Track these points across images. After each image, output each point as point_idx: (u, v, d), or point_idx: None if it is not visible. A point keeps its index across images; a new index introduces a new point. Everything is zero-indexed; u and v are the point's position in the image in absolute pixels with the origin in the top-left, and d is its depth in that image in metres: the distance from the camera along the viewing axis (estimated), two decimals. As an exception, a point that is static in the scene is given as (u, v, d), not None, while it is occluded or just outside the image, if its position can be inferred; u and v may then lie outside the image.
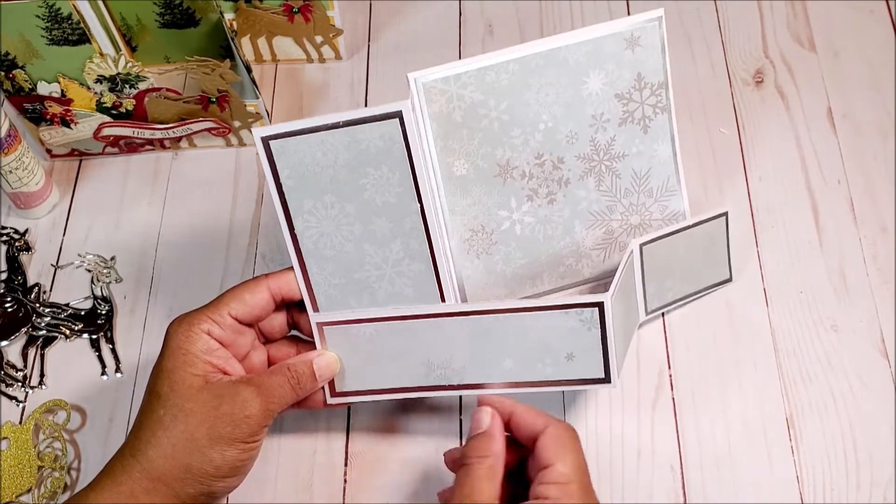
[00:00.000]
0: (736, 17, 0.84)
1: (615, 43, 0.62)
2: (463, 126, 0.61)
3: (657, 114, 0.65)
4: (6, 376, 0.68)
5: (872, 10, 0.84)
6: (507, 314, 0.58)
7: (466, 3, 0.86)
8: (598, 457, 0.64)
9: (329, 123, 0.54)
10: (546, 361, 0.59)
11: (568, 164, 0.65)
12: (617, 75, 0.63)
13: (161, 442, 0.53)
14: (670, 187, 0.67)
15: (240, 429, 0.54)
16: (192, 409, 0.54)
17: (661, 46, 0.63)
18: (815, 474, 0.63)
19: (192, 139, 0.77)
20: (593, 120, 0.64)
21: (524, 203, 0.65)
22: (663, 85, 0.64)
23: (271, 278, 0.59)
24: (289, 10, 0.78)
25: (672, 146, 0.66)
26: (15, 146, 0.70)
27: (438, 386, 0.60)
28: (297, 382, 0.58)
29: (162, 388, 0.54)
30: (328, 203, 0.57)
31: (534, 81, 0.61)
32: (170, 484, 0.53)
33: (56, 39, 0.68)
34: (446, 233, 0.59)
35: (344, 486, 0.64)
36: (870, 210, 0.73)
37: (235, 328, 0.58)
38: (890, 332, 0.68)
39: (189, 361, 0.55)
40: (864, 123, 0.77)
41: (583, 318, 0.57)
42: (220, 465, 0.54)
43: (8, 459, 0.64)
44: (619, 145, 0.65)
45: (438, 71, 0.59)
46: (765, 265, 0.71)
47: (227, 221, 0.75)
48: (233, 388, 0.55)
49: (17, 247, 0.74)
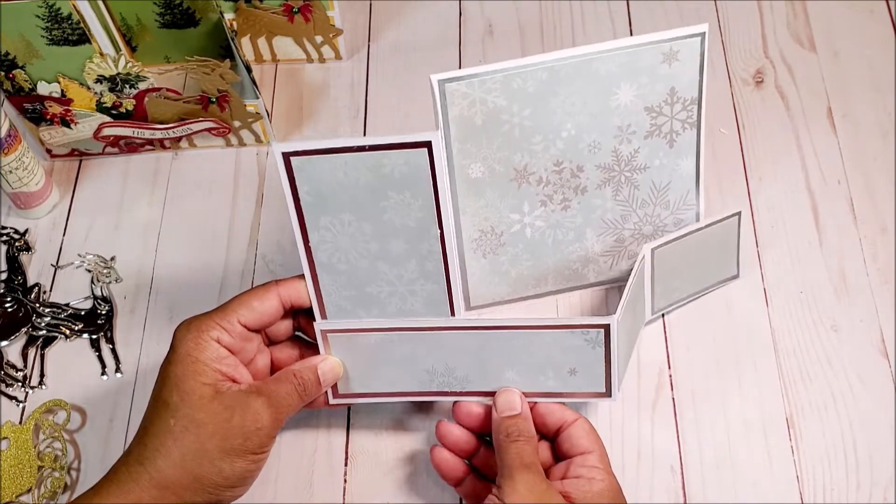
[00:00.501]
0: (736, 17, 0.84)
1: (652, 56, 0.60)
2: (483, 130, 0.60)
3: (685, 129, 0.63)
4: (6, 376, 0.68)
5: (872, 10, 0.84)
6: (514, 330, 0.58)
7: (466, 3, 0.86)
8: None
9: (354, 146, 0.53)
10: (548, 375, 0.59)
11: (587, 172, 0.64)
12: (649, 88, 0.61)
13: (171, 452, 0.53)
14: (688, 201, 0.67)
15: (251, 441, 0.54)
16: (204, 421, 0.53)
17: (701, 63, 0.61)
18: (815, 474, 0.63)
19: (192, 139, 0.77)
20: (619, 131, 0.62)
21: (537, 208, 0.64)
22: (696, 101, 0.62)
23: (282, 286, 0.59)
24: (289, 10, 0.78)
25: (696, 162, 0.65)
26: (15, 146, 0.70)
27: (440, 392, 0.61)
28: (304, 389, 0.58)
29: (171, 397, 0.54)
30: (345, 221, 0.56)
31: (562, 90, 0.60)
32: (178, 493, 0.53)
33: (56, 39, 0.68)
34: (457, 248, 0.58)
35: (344, 486, 0.64)
36: (870, 210, 0.73)
37: (244, 335, 0.58)
38: (890, 332, 0.68)
39: (199, 370, 0.55)
40: (864, 123, 0.77)
41: (588, 337, 0.58)
42: (230, 475, 0.54)
43: (8, 459, 0.64)
44: (641, 157, 0.64)
45: (462, 73, 0.58)
46: (765, 265, 0.71)
47: (227, 221, 0.75)
48: (244, 399, 0.55)
49: (17, 247, 0.74)
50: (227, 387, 0.55)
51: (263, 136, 0.77)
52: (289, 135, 0.79)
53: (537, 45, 0.83)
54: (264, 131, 0.77)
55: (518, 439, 0.57)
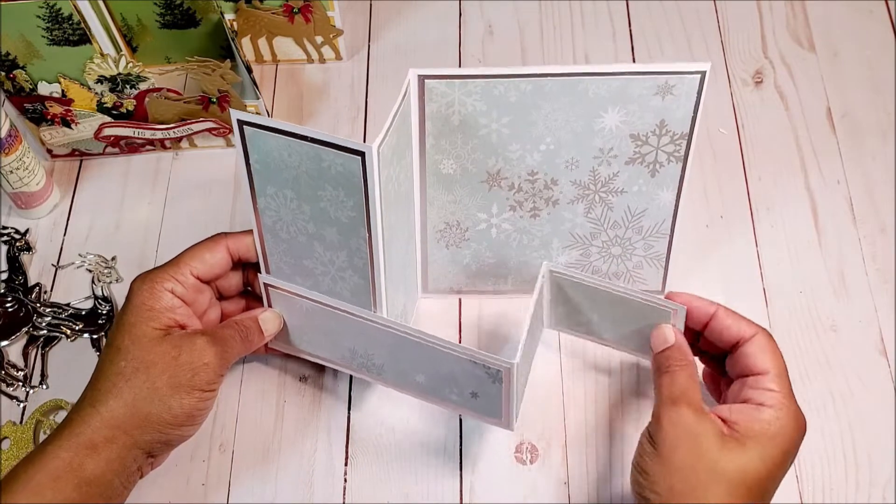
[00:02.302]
0: (735, 18, 0.84)
1: (646, 87, 0.58)
2: (459, 130, 0.60)
3: (671, 161, 0.61)
4: (7, 376, 0.69)
5: (872, 10, 0.84)
6: (424, 342, 0.58)
7: (466, 3, 0.86)
8: (598, 456, 0.64)
9: (297, 133, 0.53)
10: (453, 390, 0.60)
11: (561, 186, 0.63)
12: (638, 117, 0.59)
13: (122, 392, 0.55)
14: (662, 230, 0.65)
15: (199, 377, 0.56)
16: (153, 361, 0.56)
17: (697, 100, 0.58)
18: (815, 474, 0.63)
19: (192, 139, 0.77)
20: (600, 153, 0.61)
21: (506, 211, 0.64)
22: (686, 136, 0.60)
23: (230, 238, 0.61)
24: (289, 11, 0.78)
25: (677, 195, 0.63)
26: (16, 146, 0.70)
27: (362, 370, 0.63)
28: (246, 335, 0.61)
29: (123, 341, 0.56)
30: (288, 196, 0.57)
31: (545, 104, 0.59)
32: (129, 432, 0.55)
33: (57, 40, 0.68)
34: (383, 257, 0.57)
35: (344, 486, 0.64)
36: (869, 210, 0.73)
37: (196, 287, 0.60)
38: (889, 332, 0.68)
39: (153, 317, 0.57)
40: (863, 123, 0.77)
41: (489, 371, 0.57)
42: (178, 413, 0.56)
43: (9, 459, 0.64)
44: (620, 181, 0.62)
45: (443, 71, 0.58)
46: (764, 265, 0.71)
47: (228, 221, 0.75)
48: (189, 338, 0.57)
49: (17, 247, 0.74)
50: (176, 331, 0.58)
51: (264, 137, 0.78)
52: (289, 135, 0.79)
53: (537, 45, 0.83)
54: (264, 131, 0.77)
55: (668, 370, 0.56)
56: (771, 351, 0.56)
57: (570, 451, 0.64)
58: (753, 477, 0.51)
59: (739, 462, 0.52)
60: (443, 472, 0.64)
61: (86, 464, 0.53)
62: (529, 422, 0.65)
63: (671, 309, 0.59)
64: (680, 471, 0.52)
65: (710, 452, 0.52)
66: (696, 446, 0.52)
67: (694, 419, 0.53)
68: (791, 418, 0.53)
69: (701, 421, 0.53)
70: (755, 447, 0.52)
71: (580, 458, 0.64)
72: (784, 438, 0.53)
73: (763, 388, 0.54)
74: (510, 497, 0.63)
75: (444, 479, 0.63)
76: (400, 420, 0.66)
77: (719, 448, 0.52)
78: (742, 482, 0.51)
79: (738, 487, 0.51)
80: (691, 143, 0.60)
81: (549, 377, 0.67)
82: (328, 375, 0.68)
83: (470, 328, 0.69)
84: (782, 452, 0.52)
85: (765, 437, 0.52)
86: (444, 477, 0.64)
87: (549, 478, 0.63)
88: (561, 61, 0.82)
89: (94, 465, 0.54)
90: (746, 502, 0.51)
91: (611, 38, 0.83)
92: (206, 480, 0.64)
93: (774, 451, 0.52)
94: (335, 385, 0.67)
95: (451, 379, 0.60)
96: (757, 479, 0.52)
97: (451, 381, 0.60)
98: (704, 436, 0.52)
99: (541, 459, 0.64)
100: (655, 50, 0.82)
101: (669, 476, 0.52)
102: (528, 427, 0.65)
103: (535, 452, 0.64)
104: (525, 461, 0.64)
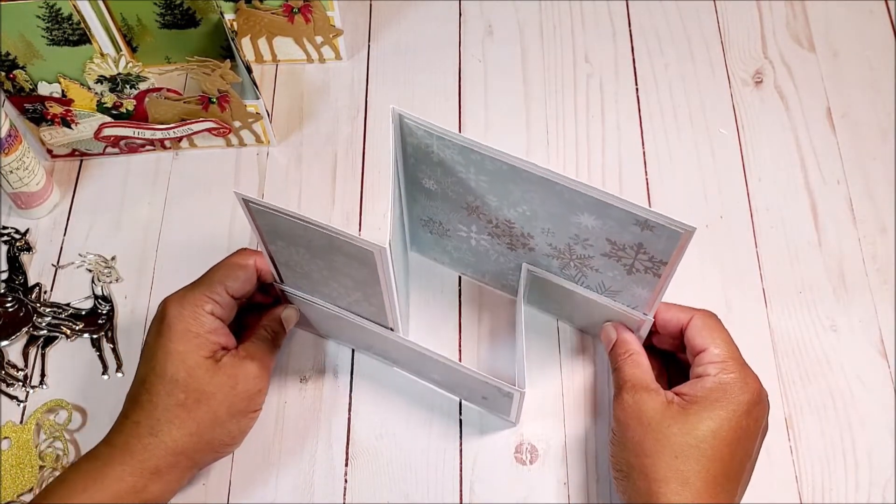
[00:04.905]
0: (735, 18, 0.84)
1: (624, 215, 0.52)
2: (439, 165, 0.58)
3: (648, 273, 0.56)
4: (7, 376, 0.69)
5: (872, 10, 0.84)
6: (439, 360, 0.61)
7: (466, 3, 0.86)
8: (597, 456, 0.64)
9: (310, 222, 0.52)
10: (464, 394, 0.65)
11: (537, 241, 0.60)
12: (616, 230, 0.53)
13: (185, 423, 0.58)
14: (636, 309, 0.61)
15: (254, 401, 0.61)
16: (212, 392, 0.59)
17: (678, 247, 0.52)
18: (814, 474, 0.63)
19: (192, 139, 0.77)
20: (576, 238, 0.57)
21: (484, 234, 0.64)
22: (664, 264, 0.54)
23: (258, 259, 0.63)
24: (289, 11, 0.78)
25: (655, 296, 0.58)
26: (16, 146, 0.70)
27: (379, 359, 0.67)
28: (276, 339, 0.64)
29: (178, 373, 0.58)
30: (300, 252, 0.57)
31: (521, 185, 0.55)
32: (191, 457, 0.59)
33: (56, 40, 0.68)
34: (396, 295, 0.57)
35: (344, 486, 0.64)
36: (869, 210, 0.73)
37: (231, 305, 0.62)
38: (889, 332, 0.68)
39: (200, 344, 0.59)
40: (863, 123, 0.77)
41: (501, 391, 0.60)
42: (236, 434, 0.61)
43: (9, 459, 0.65)
44: (596, 263, 0.58)
45: (421, 121, 0.55)
46: (764, 265, 0.71)
47: (228, 221, 0.75)
48: (241, 367, 0.60)
49: (17, 247, 0.74)
50: (222, 355, 0.60)
51: (264, 137, 0.78)
52: (289, 135, 0.79)
53: (537, 45, 0.83)
54: (265, 131, 0.77)
55: (615, 366, 0.61)
56: (707, 328, 0.59)
57: (569, 451, 0.64)
58: (701, 437, 0.55)
59: (684, 426, 0.55)
60: (443, 472, 0.64)
61: (149, 487, 0.57)
62: (529, 422, 0.65)
63: (637, 318, 0.61)
64: (633, 445, 0.56)
65: (653, 422, 0.56)
66: (641, 421, 0.56)
67: (636, 398, 0.57)
68: (736, 382, 0.56)
69: (644, 398, 0.57)
70: (699, 411, 0.55)
71: (580, 459, 0.64)
72: (730, 401, 0.56)
73: (706, 362, 0.58)
74: (510, 497, 0.63)
75: (444, 480, 0.63)
76: (400, 421, 0.66)
77: (662, 417, 0.56)
78: (688, 444, 0.54)
79: (685, 449, 0.54)
80: (672, 273, 0.54)
81: (549, 377, 0.67)
82: (328, 376, 0.68)
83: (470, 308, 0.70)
84: (730, 413, 0.55)
85: (707, 401, 0.56)
86: (444, 477, 0.64)
87: (548, 478, 0.63)
88: (561, 61, 0.82)
89: (157, 487, 0.58)
90: (700, 463, 0.54)
91: (611, 38, 0.83)
92: (207, 480, 0.64)
93: (721, 412, 0.55)
94: (335, 386, 0.67)
95: (465, 385, 0.63)
96: (707, 440, 0.54)
97: (464, 387, 0.64)
98: (648, 409, 0.56)
99: (541, 460, 0.64)
100: (655, 50, 0.82)
101: (626, 452, 0.57)
102: (528, 427, 0.65)
103: (535, 453, 0.64)
104: (525, 461, 0.64)
